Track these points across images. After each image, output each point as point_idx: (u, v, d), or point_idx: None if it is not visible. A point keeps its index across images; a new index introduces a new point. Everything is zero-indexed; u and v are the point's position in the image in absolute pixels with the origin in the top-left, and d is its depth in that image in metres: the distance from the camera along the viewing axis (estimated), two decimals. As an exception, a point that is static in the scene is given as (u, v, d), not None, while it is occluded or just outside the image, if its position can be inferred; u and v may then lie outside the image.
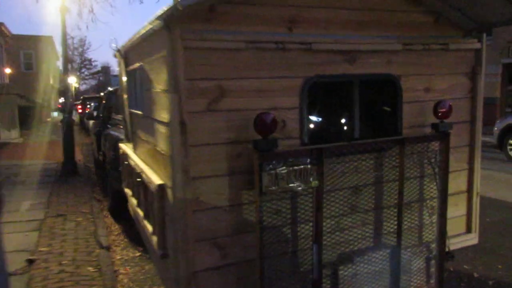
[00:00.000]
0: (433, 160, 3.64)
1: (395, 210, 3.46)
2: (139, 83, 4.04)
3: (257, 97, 3.01)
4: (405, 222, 3.52)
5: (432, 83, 3.75)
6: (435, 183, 3.68)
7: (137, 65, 4.04)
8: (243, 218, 3.03)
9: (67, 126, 10.92)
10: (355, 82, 3.37)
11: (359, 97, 3.38)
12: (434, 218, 3.71)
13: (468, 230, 4.01)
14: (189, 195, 2.79)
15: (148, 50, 3.46)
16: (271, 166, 2.90)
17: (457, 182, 3.91)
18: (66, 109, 11.33)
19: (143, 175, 3.68)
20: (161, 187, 3.07)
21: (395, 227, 3.47)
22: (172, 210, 2.88)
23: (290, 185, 2.99)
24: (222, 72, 2.88)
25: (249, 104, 2.98)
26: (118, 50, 4.99)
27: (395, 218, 3.46)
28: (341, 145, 3.16)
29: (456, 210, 3.91)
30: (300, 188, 3.04)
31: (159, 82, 3.08)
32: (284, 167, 2.95)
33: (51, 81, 39.78)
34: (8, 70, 32.14)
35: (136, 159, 4.28)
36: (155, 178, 3.25)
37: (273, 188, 2.92)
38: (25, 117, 24.81)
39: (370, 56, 3.41)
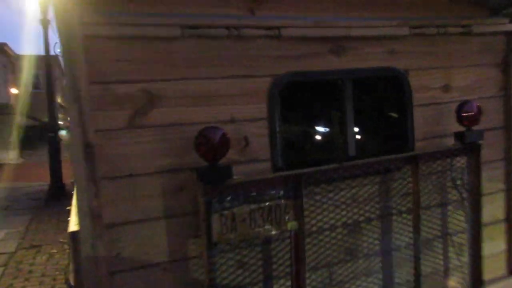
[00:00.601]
0: (458, 181, 2.70)
1: (410, 252, 2.52)
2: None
3: (204, 106, 2.14)
4: (425, 268, 2.58)
5: (451, 78, 2.82)
6: (463, 212, 2.73)
7: None
8: (191, 278, 2.13)
9: (53, 145, 10.21)
10: (346, 81, 2.46)
11: (352, 101, 2.47)
12: (464, 258, 2.75)
13: (511, 271, 3.02)
14: (102, 251, 1.90)
15: None
16: (225, 204, 2.01)
17: (492, 209, 2.94)
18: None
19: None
20: (73, 236, 2.19)
21: (411, 275, 2.53)
22: (84, 272, 1.99)
23: (256, 229, 2.09)
24: (149, 70, 2.02)
25: (192, 116, 2.10)
26: None
27: (411, 263, 2.52)
28: (328, 169, 2.25)
29: (492, 245, 2.93)
30: (271, 233, 2.14)
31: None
32: (245, 205, 2.06)
33: (59, 100, 39.81)
34: (14, 91, 32.06)
35: None
36: (72, 221, 2.38)
37: (230, 235, 2.02)
38: (31, 136, 24.46)
39: (365, 44, 2.52)
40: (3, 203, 10.15)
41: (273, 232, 2.13)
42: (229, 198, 2.01)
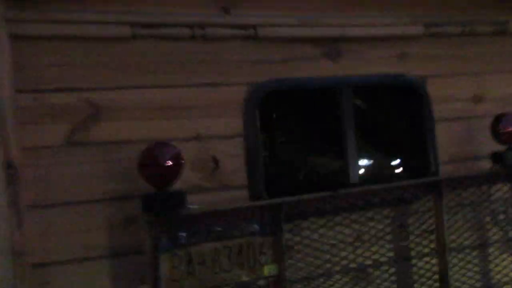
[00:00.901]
0: (501, 215, 2.12)
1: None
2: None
3: (162, 119, 1.77)
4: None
5: (484, 87, 2.29)
6: (509, 256, 2.13)
7: None
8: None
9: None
10: (344, 90, 2.01)
11: (352, 115, 2.00)
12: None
13: None
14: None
15: None
16: (179, 240, 1.59)
17: None
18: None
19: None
20: None
21: None
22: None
23: (221, 275, 1.63)
24: (93, 77, 1.69)
25: (147, 132, 1.73)
26: None
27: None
28: (318, 198, 1.77)
29: None
30: (243, 280, 1.67)
31: None
32: (207, 242, 1.62)
33: None
34: None
35: None
36: None
37: (185, 282, 1.58)
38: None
39: (368, 46, 2.08)
40: None
41: (245, 279, 1.66)
42: (184, 233, 1.58)
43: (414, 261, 2.00)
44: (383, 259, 1.94)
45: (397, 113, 2.27)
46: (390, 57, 2.13)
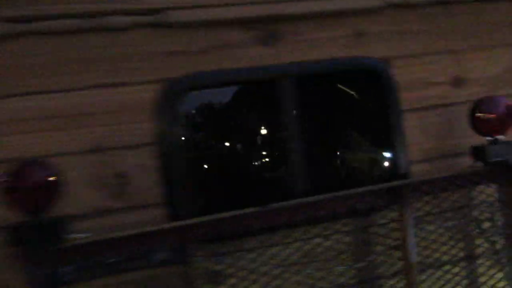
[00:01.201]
0: (486, 223, 1.74)
1: None
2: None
3: (52, 130, 1.48)
4: None
5: (464, 67, 1.89)
6: (499, 270, 1.74)
7: None
8: None
9: None
10: (284, 81, 1.66)
11: (298, 112, 1.65)
12: None
13: None
14: None
15: None
16: (60, 277, 1.31)
17: None
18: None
19: None
20: None
21: None
22: None
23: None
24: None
25: (34, 146, 1.45)
26: None
27: None
28: (246, 214, 1.44)
29: None
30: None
31: None
32: (99, 278, 1.34)
33: None
34: None
35: None
36: None
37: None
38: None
39: (312, 27, 1.71)
40: None
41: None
42: (68, 268, 1.30)
43: (376, 283, 1.65)
44: (335, 283, 1.60)
45: (355, 105, 1.90)
46: (342, 38, 1.76)
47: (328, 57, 1.75)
